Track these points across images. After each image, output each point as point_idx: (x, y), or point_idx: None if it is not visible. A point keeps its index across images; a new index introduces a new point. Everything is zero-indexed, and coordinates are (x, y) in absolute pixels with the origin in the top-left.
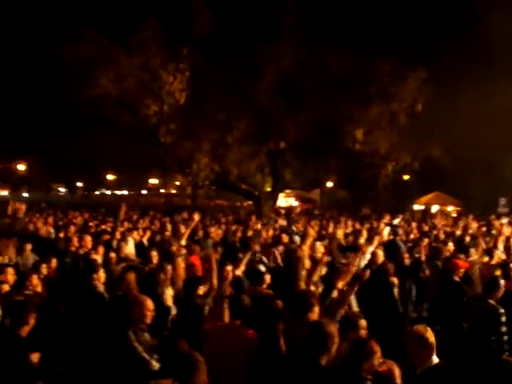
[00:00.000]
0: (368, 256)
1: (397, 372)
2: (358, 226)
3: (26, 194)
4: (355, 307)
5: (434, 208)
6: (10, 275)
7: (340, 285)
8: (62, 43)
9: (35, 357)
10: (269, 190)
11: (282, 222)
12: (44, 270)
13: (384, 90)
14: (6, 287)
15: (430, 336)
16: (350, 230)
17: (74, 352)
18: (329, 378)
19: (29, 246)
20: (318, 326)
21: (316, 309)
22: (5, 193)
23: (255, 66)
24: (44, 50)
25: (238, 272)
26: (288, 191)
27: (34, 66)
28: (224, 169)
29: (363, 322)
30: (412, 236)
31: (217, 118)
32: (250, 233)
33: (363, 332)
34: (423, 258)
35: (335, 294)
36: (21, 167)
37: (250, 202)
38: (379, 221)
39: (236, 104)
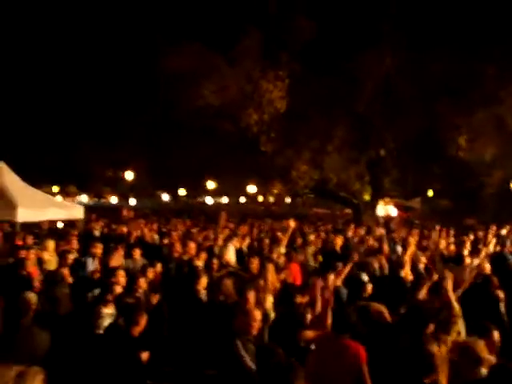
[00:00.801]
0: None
1: None
2: (461, 237)
3: (133, 201)
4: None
5: None
6: (122, 277)
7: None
8: (166, 55)
9: (145, 355)
10: (368, 198)
11: (381, 231)
12: (150, 274)
13: (489, 93)
14: (119, 289)
15: None
16: (452, 240)
17: (177, 353)
18: None
19: (138, 251)
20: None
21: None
22: (114, 200)
23: (355, 73)
24: (150, 62)
25: (338, 282)
26: (387, 199)
27: (139, 78)
28: (323, 177)
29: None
30: None
31: (316, 126)
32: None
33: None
34: None
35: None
36: (129, 176)
37: (349, 211)
38: (485, 231)
39: (336, 111)
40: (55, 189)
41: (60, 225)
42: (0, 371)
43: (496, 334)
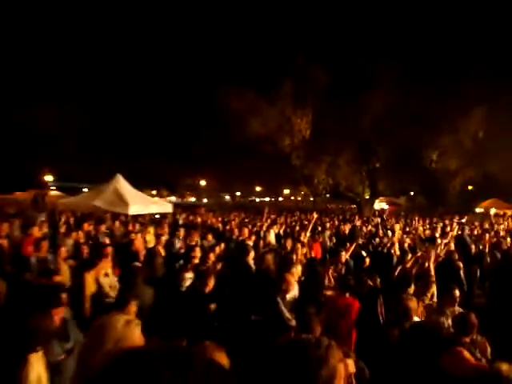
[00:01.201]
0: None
1: None
2: (434, 224)
3: (205, 200)
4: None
5: (492, 211)
6: (198, 252)
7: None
8: (226, 97)
9: (213, 306)
10: (367, 197)
11: (377, 220)
12: (217, 250)
13: (452, 123)
14: (196, 260)
15: None
16: (427, 226)
17: (235, 305)
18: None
19: (211, 235)
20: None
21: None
22: (192, 199)
23: (357, 109)
24: (214, 102)
25: (347, 256)
26: (381, 198)
27: (208, 115)
28: (335, 182)
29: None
30: (476, 232)
31: (331, 147)
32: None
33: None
34: (486, 249)
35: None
36: (202, 182)
37: (354, 206)
38: (450, 220)
39: (344, 136)
40: (153, 192)
41: (157, 216)
42: (114, 319)
43: (457, 293)
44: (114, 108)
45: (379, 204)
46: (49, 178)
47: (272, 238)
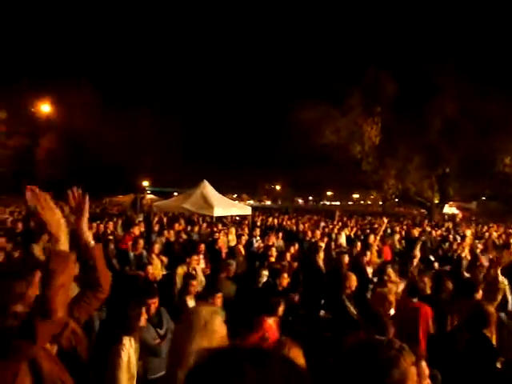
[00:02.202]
0: None
1: None
2: (507, 229)
3: (280, 204)
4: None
5: None
6: (274, 252)
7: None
8: (301, 109)
9: (296, 297)
10: (437, 201)
11: (449, 225)
12: (291, 250)
13: None
14: (272, 259)
15: None
16: (501, 231)
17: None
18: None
19: (280, 235)
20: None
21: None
22: (268, 202)
23: (427, 114)
24: (287, 114)
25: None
26: (451, 203)
27: (280, 124)
28: (405, 187)
29: None
30: None
31: (400, 153)
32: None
33: None
34: None
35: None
36: (278, 187)
37: (423, 211)
38: None
39: (413, 142)
40: (234, 196)
41: (237, 218)
42: (200, 308)
43: None
44: (201, 122)
45: (449, 209)
46: (145, 183)
47: (343, 240)
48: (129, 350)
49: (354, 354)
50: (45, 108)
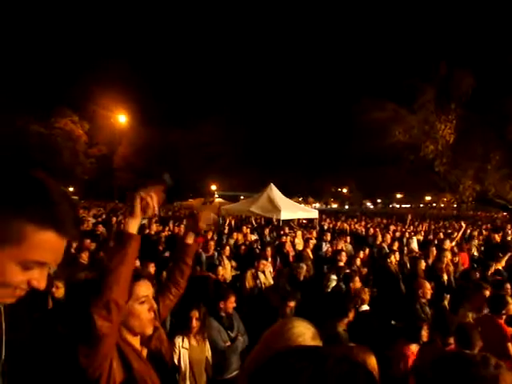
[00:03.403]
0: None
1: None
2: None
3: (347, 207)
4: None
5: None
6: (343, 256)
7: None
8: (372, 110)
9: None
10: None
11: None
12: (361, 254)
13: None
14: (341, 263)
15: None
16: None
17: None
18: None
19: (348, 239)
20: None
21: None
22: (335, 206)
23: (505, 110)
24: (353, 114)
25: (499, 267)
26: None
27: (346, 125)
28: (483, 189)
29: None
30: None
31: (477, 152)
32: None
33: None
34: None
35: None
36: (344, 190)
37: (505, 213)
38: None
39: (491, 140)
40: (300, 199)
41: (304, 221)
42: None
43: None
44: (267, 125)
45: None
46: (214, 187)
47: (415, 245)
48: (179, 349)
49: (443, 367)
50: (121, 119)
